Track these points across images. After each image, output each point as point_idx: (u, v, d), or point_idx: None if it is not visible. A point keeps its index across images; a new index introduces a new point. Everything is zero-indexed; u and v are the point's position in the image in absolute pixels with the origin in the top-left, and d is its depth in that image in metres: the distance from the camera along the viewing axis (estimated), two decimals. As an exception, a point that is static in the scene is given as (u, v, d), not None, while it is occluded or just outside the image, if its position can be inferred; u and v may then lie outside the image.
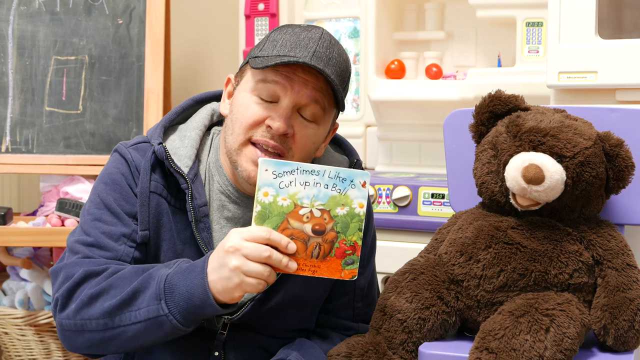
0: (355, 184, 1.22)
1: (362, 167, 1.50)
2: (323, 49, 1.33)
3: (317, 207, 1.21)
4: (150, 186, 1.37)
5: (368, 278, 1.54)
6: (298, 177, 1.21)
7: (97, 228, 1.36)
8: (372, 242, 1.55)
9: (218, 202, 1.42)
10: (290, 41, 1.34)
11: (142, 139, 1.43)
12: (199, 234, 1.37)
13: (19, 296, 2.30)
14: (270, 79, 1.33)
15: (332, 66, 1.34)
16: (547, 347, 1.26)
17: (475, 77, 2.22)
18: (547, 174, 1.35)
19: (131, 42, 2.44)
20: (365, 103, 2.47)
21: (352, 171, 1.23)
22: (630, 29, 1.99)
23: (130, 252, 1.34)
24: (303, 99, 1.34)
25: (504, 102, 1.49)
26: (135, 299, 1.25)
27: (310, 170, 1.21)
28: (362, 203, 1.22)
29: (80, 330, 1.29)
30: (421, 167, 2.39)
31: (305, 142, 1.36)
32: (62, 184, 2.37)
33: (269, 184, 1.20)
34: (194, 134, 1.43)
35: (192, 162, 1.39)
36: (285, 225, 1.21)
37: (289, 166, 1.21)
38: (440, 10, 2.47)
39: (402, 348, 1.39)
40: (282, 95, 1.33)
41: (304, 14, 2.55)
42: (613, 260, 1.39)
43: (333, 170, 1.22)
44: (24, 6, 2.43)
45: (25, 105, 2.40)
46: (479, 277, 1.39)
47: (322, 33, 1.36)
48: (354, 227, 1.23)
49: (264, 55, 1.34)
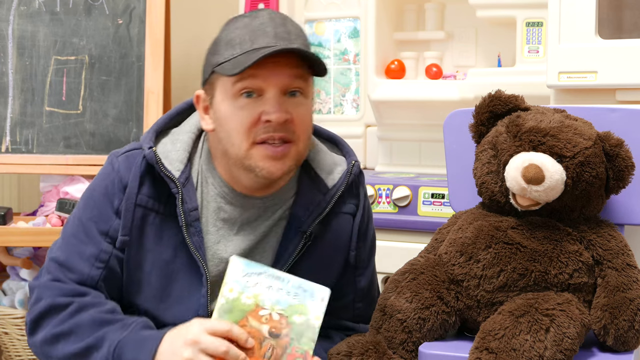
0: (315, 297, 1.28)
1: (360, 169, 1.49)
2: (280, 28, 1.33)
3: (277, 311, 1.26)
4: (137, 199, 1.38)
5: (368, 279, 1.54)
6: (264, 280, 1.27)
7: (71, 245, 1.40)
8: (371, 242, 1.55)
9: (214, 204, 1.42)
10: (246, 35, 1.32)
11: (135, 146, 1.43)
12: (189, 238, 1.37)
13: (19, 296, 2.30)
14: (248, 75, 1.31)
15: (296, 38, 1.33)
16: (547, 347, 1.26)
17: (475, 77, 2.22)
18: (547, 174, 1.35)
19: (131, 42, 2.44)
20: (365, 103, 2.47)
21: (314, 286, 1.28)
22: (630, 29, 1.99)
23: (96, 274, 1.38)
24: (285, 80, 1.33)
25: (504, 102, 1.49)
26: (89, 356, 1.32)
27: (276, 276, 1.27)
28: (319, 316, 1.27)
29: (46, 358, 1.39)
30: (421, 167, 2.38)
31: (304, 120, 1.36)
32: (62, 184, 2.37)
33: (237, 281, 1.26)
34: (187, 137, 1.42)
35: (184, 165, 1.39)
36: (244, 322, 1.25)
37: (258, 268, 1.27)
38: (440, 10, 2.47)
39: (402, 348, 1.39)
40: (265, 86, 1.32)
41: (304, 14, 2.55)
42: (613, 260, 1.39)
43: (297, 280, 1.28)
44: (24, 6, 2.43)
45: (25, 105, 2.40)
46: (479, 277, 1.39)
47: (269, 14, 1.35)
48: (308, 337, 1.27)
49: (229, 59, 1.32)
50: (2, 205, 2.84)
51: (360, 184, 1.51)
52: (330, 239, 1.46)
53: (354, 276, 1.51)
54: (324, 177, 1.45)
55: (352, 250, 1.49)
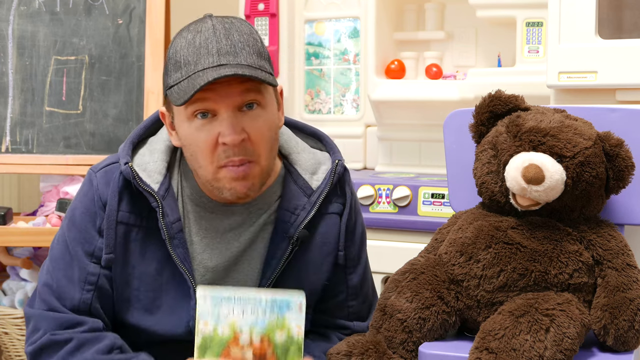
0: (292, 307, 1.27)
1: (344, 167, 1.46)
2: (224, 41, 1.29)
3: (257, 334, 1.26)
4: (118, 216, 1.37)
5: (360, 276, 1.52)
6: (236, 305, 1.26)
7: (59, 270, 1.40)
8: (361, 239, 1.53)
9: (194, 213, 1.40)
10: (190, 53, 1.29)
11: (113, 159, 1.41)
12: (173, 251, 1.36)
13: (19, 296, 2.30)
14: (196, 99, 1.28)
15: (241, 51, 1.29)
16: (547, 347, 1.26)
17: (475, 77, 2.22)
18: (547, 174, 1.35)
19: (131, 42, 2.44)
20: (365, 103, 2.47)
21: (288, 295, 1.27)
22: (630, 29, 2.00)
23: (88, 297, 1.38)
24: (237, 98, 1.29)
25: (504, 102, 1.49)
26: None
27: (246, 298, 1.26)
28: (300, 325, 1.27)
29: None
30: (421, 167, 2.38)
31: (262, 135, 1.32)
32: (62, 184, 2.37)
33: (208, 313, 1.25)
34: (164, 145, 1.41)
35: (163, 176, 1.37)
36: (227, 353, 1.25)
37: (226, 294, 1.26)
38: (440, 10, 2.47)
39: (402, 348, 1.39)
40: (217, 108, 1.29)
41: (304, 14, 2.54)
42: (613, 260, 1.39)
43: (269, 296, 1.27)
44: (24, 6, 2.42)
45: (25, 105, 2.40)
46: (479, 277, 1.39)
47: (212, 24, 1.31)
48: (294, 351, 1.27)
49: (176, 83, 1.30)
50: (2, 205, 2.84)
51: (346, 182, 1.48)
52: (318, 241, 1.45)
53: (344, 275, 1.50)
54: (307, 179, 1.44)
55: (340, 250, 1.47)
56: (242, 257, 1.42)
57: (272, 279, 1.40)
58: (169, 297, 1.39)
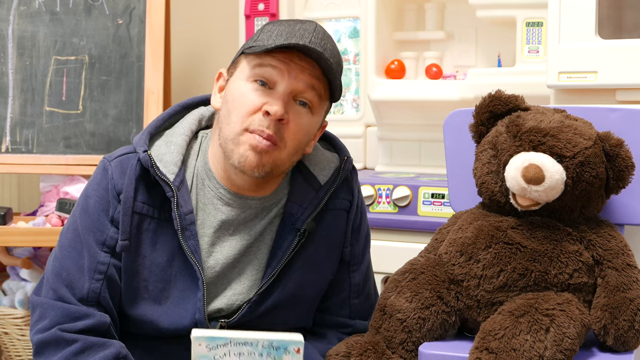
0: (289, 351, 1.24)
1: (352, 164, 1.49)
2: (318, 40, 1.34)
3: None
4: (134, 206, 1.37)
5: (363, 274, 1.54)
6: (232, 348, 1.23)
7: (70, 258, 1.39)
8: (365, 238, 1.55)
9: (211, 206, 1.41)
10: (285, 31, 1.34)
11: (127, 150, 1.43)
12: (185, 242, 1.37)
13: (19, 296, 2.30)
14: (267, 63, 1.34)
15: (330, 55, 1.35)
16: (547, 347, 1.26)
17: (475, 77, 2.22)
18: (547, 174, 1.35)
19: (131, 42, 2.44)
20: (365, 103, 2.47)
21: (286, 339, 1.24)
22: (630, 29, 2.00)
23: (97, 287, 1.37)
24: (300, 85, 1.34)
25: (504, 102, 1.49)
26: None
27: (243, 342, 1.23)
28: None
29: None
30: (421, 167, 2.38)
31: (299, 131, 1.36)
32: (62, 184, 2.37)
33: (204, 357, 1.22)
34: (181, 139, 1.42)
35: (178, 168, 1.38)
36: None
37: (222, 339, 1.22)
38: (440, 10, 2.47)
39: (402, 347, 1.39)
40: (279, 80, 1.34)
41: (304, 14, 2.54)
42: (613, 260, 1.39)
43: (267, 339, 1.23)
44: (24, 6, 2.42)
45: (25, 105, 2.40)
46: (479, 277, 1.39)
47: (315, 26, 1.37)
48: None
49: (259, 44, 1.35)
50: (2, 205, 2.84)
51: (354, 180, 1.51)
52: (325, 236, 1.46)
53: (348, 272, 1.51)
54: (316, 174, 1.46)
55: (346, 247, 1.49)
56: (249, 248, 1.43)
57: (278, 269, 1.41)
58: (177, 289, 1.40)
